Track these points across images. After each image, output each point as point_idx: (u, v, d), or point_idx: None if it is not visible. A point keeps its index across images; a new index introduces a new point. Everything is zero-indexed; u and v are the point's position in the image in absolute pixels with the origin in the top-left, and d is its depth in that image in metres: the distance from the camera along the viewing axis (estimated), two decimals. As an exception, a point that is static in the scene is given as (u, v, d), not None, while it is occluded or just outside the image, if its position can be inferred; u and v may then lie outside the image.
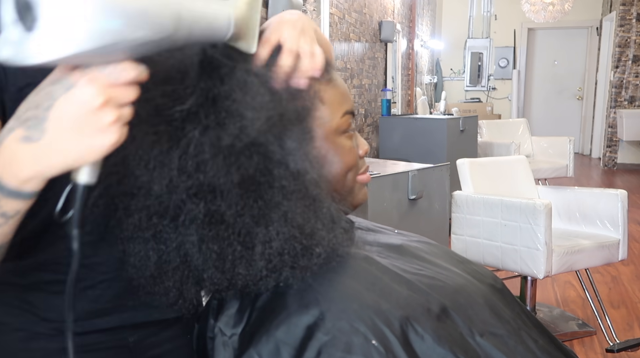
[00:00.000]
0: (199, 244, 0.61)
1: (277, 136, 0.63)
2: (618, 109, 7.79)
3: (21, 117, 0.50)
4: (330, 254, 0.66)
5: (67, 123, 0.48)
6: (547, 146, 5.22)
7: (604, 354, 2.55)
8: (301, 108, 0.67)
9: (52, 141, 0.49)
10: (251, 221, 0.60)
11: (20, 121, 0.50)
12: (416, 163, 3.04)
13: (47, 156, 0.49)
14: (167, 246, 0.62)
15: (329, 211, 0.65)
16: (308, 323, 0.60)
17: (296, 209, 0.62)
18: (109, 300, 0.73)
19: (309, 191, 0.64)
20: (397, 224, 2.56)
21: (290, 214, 0.61)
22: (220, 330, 0.65)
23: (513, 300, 0.77)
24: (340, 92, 0.73)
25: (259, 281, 0.63)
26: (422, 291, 0.66)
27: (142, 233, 0.62)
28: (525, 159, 3.13)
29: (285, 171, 0.62)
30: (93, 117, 0.49)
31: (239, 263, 0.61)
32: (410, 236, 0.84)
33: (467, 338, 0.64)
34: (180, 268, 0.63)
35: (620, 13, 7.68)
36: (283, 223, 0.61)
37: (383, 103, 5.11)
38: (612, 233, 2.68)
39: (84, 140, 0.49)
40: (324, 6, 3.88)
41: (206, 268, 0.62)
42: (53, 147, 0.49)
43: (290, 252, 0.62)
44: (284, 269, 0.63)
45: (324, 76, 0.71)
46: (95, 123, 0.49)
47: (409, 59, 6.91)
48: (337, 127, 0.71)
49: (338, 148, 0.71)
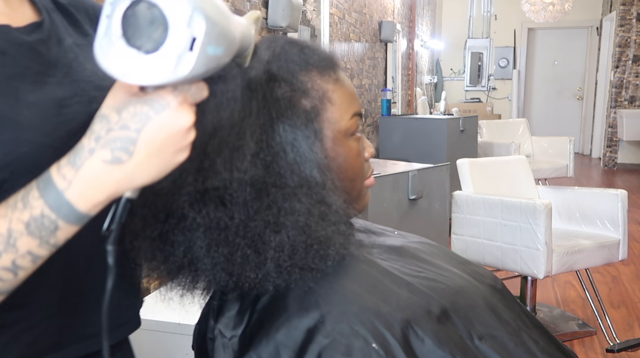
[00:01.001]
0: (207, 247, 0.60)
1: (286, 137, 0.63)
2: (618, 109, 7.79)
3: (103, 138, 0.48)
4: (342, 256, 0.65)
5: (157, 144, 0.48)
6: (547, 146, 5.22)
7: (604, 354, 2.55)
8: (310, 108, 0.65)
9: (139, 163, 0.48)
10: (262, 225, 0.60)
11: (104, 143, 0.48)
12: (416, 163, 3.04)
13: (131, 177, 0.49)
14: (174, 248, 0.61)
15: (338, 214, 0.64)
16: (308, 326, 0.59)
17: (307, 213, 0.61)
18: (49, 337, 0.66)
19: (320, 194, 0.63)
20: (397, 224, 2.56)
21: (301, 217, 0.61)
22: (220, 332, 0.65)
23: (513, 300, 0.77)
24: (349, 92, 0.70)
25: (266, 283, 0.62)
26: (422, 293, 0.66)
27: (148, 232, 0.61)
28: (525, 159, 3.13)
29: (295, 174, 0.62)
30: (182, 138, 0.49)
31: (248, 267, 0.61)
32: (410, 237, 0.84)
33: (466, 341, 0.64)
34: (187, 269, 0.63)
35: (620, 13, 7.68)
36: (294, 227, 0.60)
37: (383, 103, 5.11)
38: (612, 233, 2.68)
39: (167, 159, 0.49)
40: (324, 6, 3.88)
41: (215, 272, 0.62)
42: (139, 168, 0.48)
43: (301, 255, 0.61)
44: (293, 271, 0.62)
45: (330, 74, 0.68)
46: (181, 143, 0.49)
47: (409, 59, 6.91)
48: (346, 129, 0.68)
49: (347, 151, 0.69)
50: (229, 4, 2.51)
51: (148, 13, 0.44)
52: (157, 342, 1.71)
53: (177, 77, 0.46)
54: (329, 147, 0.67)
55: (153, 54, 0.45)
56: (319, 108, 0.66)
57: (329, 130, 0.67)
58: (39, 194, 0.48)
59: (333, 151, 0.67)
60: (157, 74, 0.45)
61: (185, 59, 0.45)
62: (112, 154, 0.47)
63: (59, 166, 0.49)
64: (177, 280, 0.66)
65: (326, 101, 0.67)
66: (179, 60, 0.45)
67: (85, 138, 0.49)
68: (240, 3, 2.62)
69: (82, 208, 0.49)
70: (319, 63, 0.68)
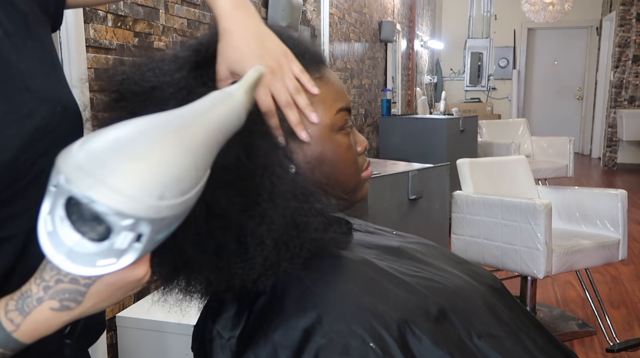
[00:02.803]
0: (196, 240, 0.60)
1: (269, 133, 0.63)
2: (618, 109, 7.79)
3: (52, 288, 0.48)
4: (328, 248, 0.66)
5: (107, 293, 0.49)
6: (547, 146, 5.22)
7: (604, 354, 2.55)
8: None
9: (87, 308, 0.49)
10: (246, 218, 0.60)
11: (52, 293, 0.48)
12: (416, 163, 3.04)
13: (78, 316, 0.50)
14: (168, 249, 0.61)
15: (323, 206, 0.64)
16: (305, 326, 0.59)
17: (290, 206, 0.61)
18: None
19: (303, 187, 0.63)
20: (397, 224, 2.56)
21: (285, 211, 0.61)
22: (219, 333, 0.65)
23: (512, 300, 0.77)
24: (334, 89, 0.72)
25: (257, 280, 0.62)
26: (420, 293, 0.66)
27: None
28: (525, 159, 3.13)
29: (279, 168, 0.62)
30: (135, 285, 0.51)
31: (234, 262, 0.61)
32: (409, 237, 0.84)
33: (465, 340, 0.64)
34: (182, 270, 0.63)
35: (620, 13, 7.68)
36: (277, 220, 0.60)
37: (383, 103, 5.11)
38: (612, 233, 2.68)
39: (117, 299, 0.51)
40: (324, 6, 3.88)
41: (203, 269, 0.62)
42: (87, 311, 0.50)
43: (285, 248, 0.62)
44: (281, 263, 0.62)
45: (313, 73, 0.70)
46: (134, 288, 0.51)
47: (409, 59, 6.91)
48: (332, 124, 0.70)
49: (334, 145, 0.70)
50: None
51: (90, 209, 0.43)
52: (157, 342, 1.71)
53: (120, 266, 0.45)
54: (314, 142, 0.68)
55: (97, 243, 0.44)
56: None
57: (313, 125, 0.68)
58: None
59: (319, 146, 0.69)
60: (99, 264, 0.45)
61: (131, 251, 0.45)
62: (60, 304, 0.48)
63: (7, 310, 0.49)
64: (174, 281, 0.66)
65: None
66: (124, 253, 0.45)
67: (34, 284, 0.49)
68: (240, 3, 2.61)
69: (29, 340, 0.50)
70: (304, 61, 0.69)
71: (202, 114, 0.50)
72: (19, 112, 0.59)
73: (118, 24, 1.79)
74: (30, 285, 0.49)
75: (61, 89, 0.68)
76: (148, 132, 0.45)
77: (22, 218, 0.62)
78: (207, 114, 0.50)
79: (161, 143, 0.44)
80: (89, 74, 1.67)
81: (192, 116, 0.49)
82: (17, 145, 0.58)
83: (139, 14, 1.89)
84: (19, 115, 0.59)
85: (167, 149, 0.44)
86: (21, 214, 0.62)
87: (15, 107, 0.59)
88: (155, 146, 0.44)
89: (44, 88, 0.63)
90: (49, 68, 0.67)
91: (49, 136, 0.62)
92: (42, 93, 0.63)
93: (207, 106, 0.51)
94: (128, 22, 1.84)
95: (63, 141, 0.64)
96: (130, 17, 1.85)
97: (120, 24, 1.80)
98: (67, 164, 0.43)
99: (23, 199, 0.61)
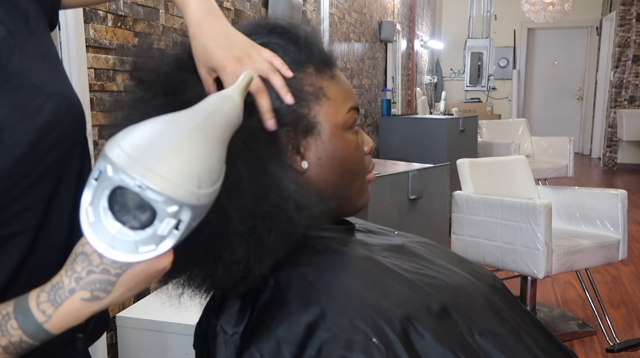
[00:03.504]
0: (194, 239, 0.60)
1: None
2: (618, 109, 7.79)
3: (84, 279, 0.50)
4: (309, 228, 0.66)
5: (134, 283, 0.51)
6: (547, 146, 5.22)
7: (604, 354, 2.55)
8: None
9: (116, 298, 0.52)
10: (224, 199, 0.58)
11: (84, 284, 0.50)
12: (416, 163, 3.04)
13: (105, 306, 0.52)
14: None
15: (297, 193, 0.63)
16: (309, 321, 0.59)
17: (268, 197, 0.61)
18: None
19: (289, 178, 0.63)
20: (397, 224, 2.57)
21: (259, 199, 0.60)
22: (222, 329, 0.65)
23: (513, 299, 0.77)
24: (345, 88, 0.74)
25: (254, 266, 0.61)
26: (422, 290, 0.66)
27: None
28: (525, 159, 3.13)
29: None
30: (159, 274, 0.53)
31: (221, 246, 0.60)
32: (411, 237, 0.84)
33: (466, 338, 0.64)
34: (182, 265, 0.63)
35: (620, 13, 7.69)
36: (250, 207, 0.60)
37: (383, 103, 5.12)
38: (612, 233, 2.68)
39: (141, 288, 0.53)
40: (324, 6, 3.89)
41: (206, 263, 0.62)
42: (114, 301, 0.52)
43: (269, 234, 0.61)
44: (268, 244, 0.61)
45: (327, 72, 0.72)
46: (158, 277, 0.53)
47: (409, 59, 6.91)
48: (344, 122, 0.72)
49: (345, 143, 0.72)
50: (229, 3, 2.51)
51: (137, 198, 0.46)
52: (157, 342, 1.71)
53: (158, 252, 0.48)
54: (327, 139, 0.70)
55: (138, 231, 0.47)
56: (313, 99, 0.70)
57: (326, 123, 0.70)
58: (18, 325, 0.51)
59: (332, 143, 0.71)
60: (140, 251, 0.47)
61: (170, 237, 0.47)
62: (91, 294, 0.50)
63: (38, 301, 0.51)
64: (175, 278, 0.66)
65: (322, 95, 0.70)
66: (163, 239, 0.47)
67: (65, 276, 0.51)
68: (240, 3, 2.62)
69: (58, 331, 0.52)
70: (317, 61, 0.72)
71: (213, 113, 0.53)
72: (27, 108, 0.61)
73: (118, 24, 1.79)
74: (61, 276, 0.51)
75: (65, 85, 0.68)
76: (177, 128, 0.48)
77: (31, 214, 0.63)
78: (216, 113, 0.53)
79: (192, 137, 0.48)
80: (89, 74, 1.67)
81: (206, 115, 0.52)
82: (28, 140, 0.59)
83: (139, 14, 1.90)
84: (27, 111, 0.61)
85: (199, 142, 0.48)
86: (30, 210, 0.63)
87: (23, 103, 0.61)
88: (187, 140, 0.48)
89: (49, 84, 0.64)
90: (52, 65, 0.68)
91: (56, 131, 0.63)
92: (47, 89, 0.63)
93: (214, 107, 0.54)
94: (128, 22, 1.84)
95: (68, 137, 0.66)
96: (130, 17, 1.85)
97: (120, 24, 1.80)
98: (115, 154, 0.45)
99: (32, 194, 0.62)
